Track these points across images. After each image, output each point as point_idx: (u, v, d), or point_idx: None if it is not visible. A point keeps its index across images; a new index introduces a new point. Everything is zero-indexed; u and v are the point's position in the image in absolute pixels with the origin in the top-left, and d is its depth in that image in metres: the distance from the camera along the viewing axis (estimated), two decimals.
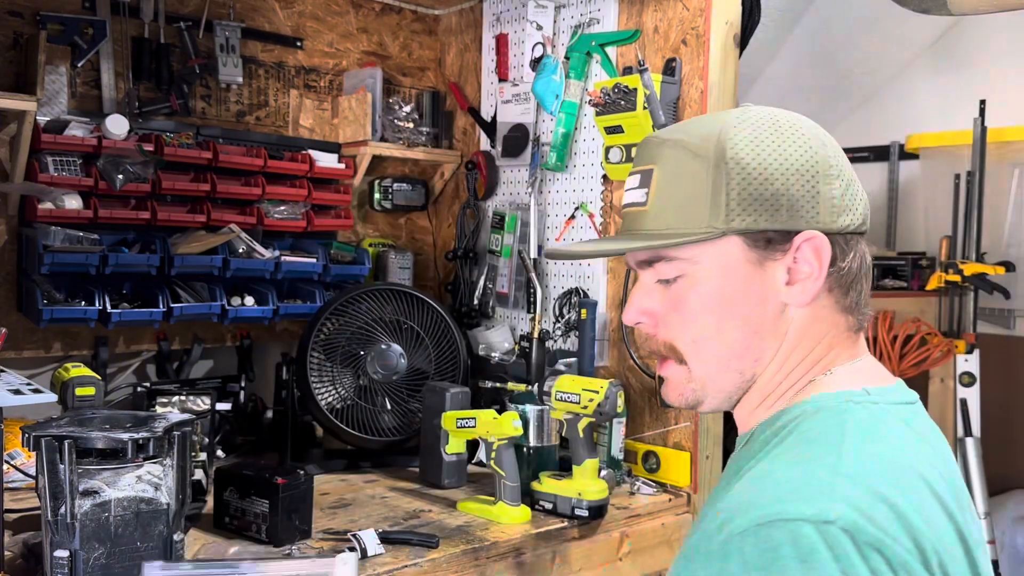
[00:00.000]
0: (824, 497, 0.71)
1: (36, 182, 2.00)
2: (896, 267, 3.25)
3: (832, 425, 0.81)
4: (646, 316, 0.90)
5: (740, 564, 0.69)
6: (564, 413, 1.86)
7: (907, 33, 3.49)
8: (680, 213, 0.85)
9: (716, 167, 0.83)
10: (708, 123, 0.88)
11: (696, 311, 0.87)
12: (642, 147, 0.92)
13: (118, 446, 1.28)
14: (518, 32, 2.52)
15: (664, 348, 0.90)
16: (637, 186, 0.89)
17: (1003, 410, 3.28)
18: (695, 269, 0.86)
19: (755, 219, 0.83)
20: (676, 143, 0.87)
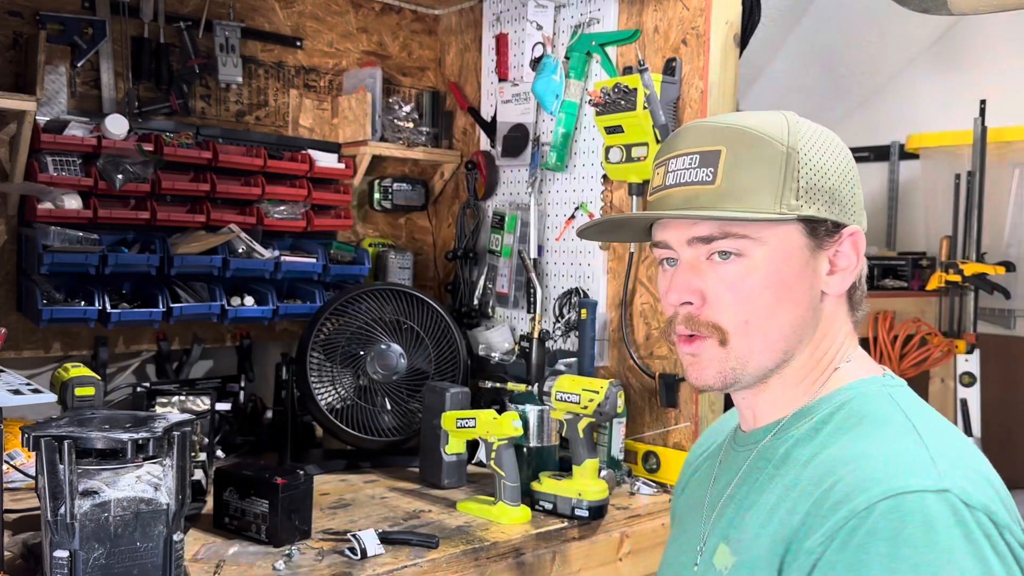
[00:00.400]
0: (933, 471, 0.78)
1: (36, 182, 2.00)
2: (896, 267, 3.25)
3: (890, 408, 0.88)
4: (696, 296, 0.90)
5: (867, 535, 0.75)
6: (564, 413, 1.86)
7: (907, 33, 3.49)
8: (751, 195, 0.88)
9: (788, 156, 0.89)
10: (770, 116, 0.93)
11: (754, 291, 0.89)
12: (694, 130, 0.93)
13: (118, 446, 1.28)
14: (518, 32, 2.52)
15: (707, 328, 0.91)
16: (696, 166, 0.90)
17: (1003, 410, 3.28)
18: (758, 250, 0.89)
19: (819, 208, 0.89)
20: (744, 129, 0.90)
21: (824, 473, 0.83)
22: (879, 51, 3.58)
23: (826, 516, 0.79)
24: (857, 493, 0.78)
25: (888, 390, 0.92)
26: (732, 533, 0.92)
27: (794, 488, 0.86)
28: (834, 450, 0.85)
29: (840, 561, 0.76)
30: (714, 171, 0.89)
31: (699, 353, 0.92)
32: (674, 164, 0.92)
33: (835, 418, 0.90)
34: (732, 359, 0.91)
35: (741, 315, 0.89)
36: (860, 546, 0.75)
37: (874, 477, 0.78)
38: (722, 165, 0.89)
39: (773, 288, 0.89)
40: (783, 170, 0.88)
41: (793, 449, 0.91)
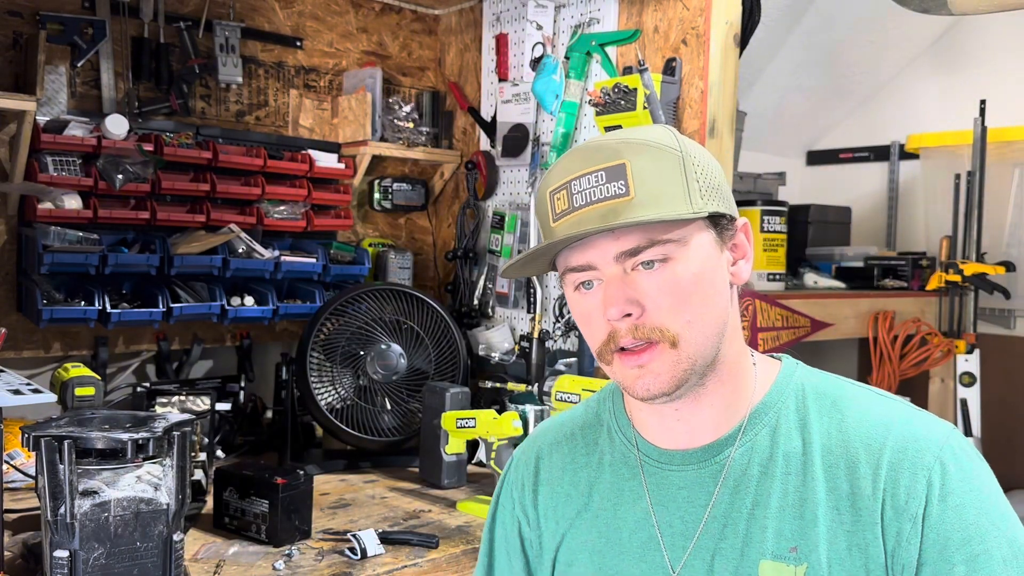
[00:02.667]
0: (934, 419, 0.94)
1: (36, 182, 2.00)
2: (896, 267, 3.25)
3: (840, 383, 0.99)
4: (634, 307, 0.90)
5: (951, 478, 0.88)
6: None
7: (907, 33, 3.49)
8: (663, 201, 0.90)
9: (684, 161, 0.92)
10: (656, 129, 0.96)
11: (689, 291, 0.91)
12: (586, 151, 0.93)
13: (118, 446, 1.28)
14: (518, 32, 2.52)
15: (656, 333, 0.90)
16: (604, 181, 0.90)
17: (1003, 410, 3.28)
18: (681, 252, 0.91)
19: (718, 204, 0.93)
20: (639, 142, 0.92)
21: (865, 450, 0.91)
22: (879, 51, 3.58)
23: (908, 483, 0.88)
24: (920, 453, 0.89)
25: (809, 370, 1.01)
26: (776, 546, 0.91)
27: (825, 478, 0.91)
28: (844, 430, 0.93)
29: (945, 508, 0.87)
30: (625, 183, 0.89)
31: (649, 362, 0.91)
32: (578, 185, 0.91)
33: (806, 406, 0.96)
34: (684, 359, 0.91)
35: (683, 315, 0.91)
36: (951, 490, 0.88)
37: (919, 436, 0.91)
38: (631, 176, 0.89)
39: (702, 284, 0.92)
40: (684, 173, 0.91)
41: (787, 445, 0.94)
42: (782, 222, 2.90)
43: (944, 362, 3.08)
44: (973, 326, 3.13)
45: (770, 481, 0.92)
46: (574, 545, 1.03)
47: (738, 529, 0.92)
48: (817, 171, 4.01)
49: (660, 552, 0.96)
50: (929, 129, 3.49)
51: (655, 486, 0.98)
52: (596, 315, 0.93)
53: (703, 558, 0.93)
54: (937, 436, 0.91)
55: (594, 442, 1.06)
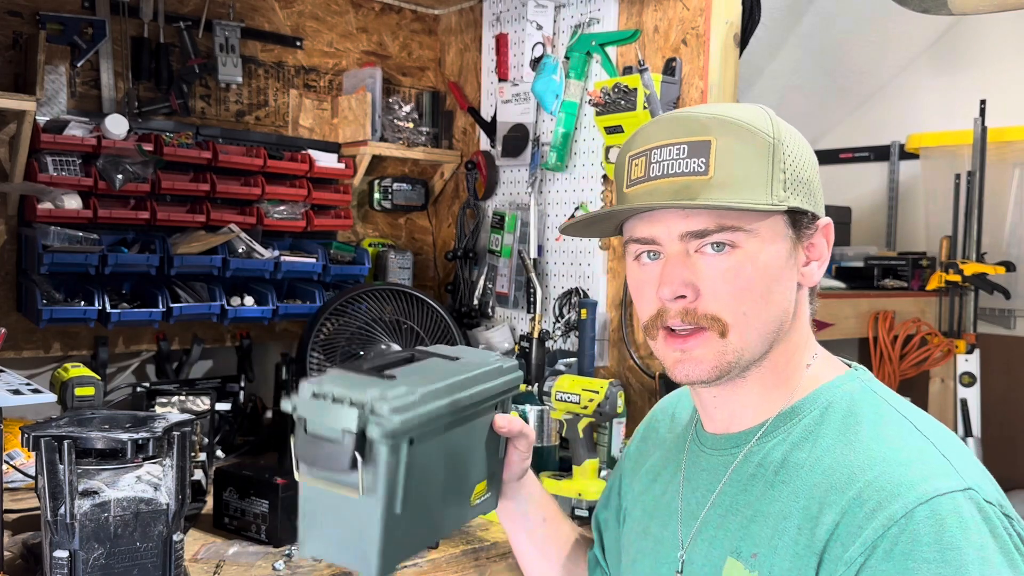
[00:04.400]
0: (953, 471, 0.81)
1: (36, 182, 2.00)
2: (896, 267, 3.24)
3: (880, 406, 0.91)
4: (690, 289, 0.88)
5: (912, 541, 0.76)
6: (564, 413, 1.86)
7: (907, 33, 3.49)
8: (744, 186, 0.87)
9: (776, 148, 0.88)
10: (751, 108, 0.92)
11: (750, 282, 0.88)
12: (676, 121, 0.91)
13: (118, 446, 1.28)
14: (518, 32, 2.52)
15: (706, 320, 0.88)
16: (686, 156, 0.87)
17: (1003, 410, 3.28)
18: (750, 241, 0.88)
19: (801, 200, 0.90)
20: (731, 121, 0.88)
21: (845, 479, 0.83)
22: (879, 51, 3.58)
23: (862, 525, 0.79)
24: (891, 500, 0.79)
25: (869, 386, 0.93)
26: (743, 546, 0.89)
27: (804, 495, 0.86)
28: (844, 454, 0.86)
29: (887, 570, 0.77)
30: (706, 161, 0.86)
31: (694, 348, 0.89)
32: (658, 155, 0.89)
33: (829, 419, 0.90)
34: (731, 351, 0.89)
35: (740, 306, 0.88)
36: (905, 553, 0.76)
37: (904, 482, 0.80)
38: (714, 155, 0.86)
39: (765, 279, 0.89)
40: (771, 161, 0.88)
41: (791, 453, 0.90)
42: None
43: (944, 362, 3.08)
44: (973, 326, 3.13)
45: (766, 484, 0.91)
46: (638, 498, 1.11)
47: (731, 521, 0.93)
48: None
49: (677, 524, 1.00)
50: (929, 129, 3.49)
51: (690, 464, 1.02)
52: (650, 289, 0.91)
53: (699, 539, 0.96)
54: (927, 489, 0.78)
55: (683, 413, 1.11)
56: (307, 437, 0.85)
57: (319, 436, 0.84)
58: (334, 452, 0.83)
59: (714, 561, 0.92)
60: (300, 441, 0.86)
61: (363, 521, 0.85)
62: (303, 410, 0.86)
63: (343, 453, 0.83)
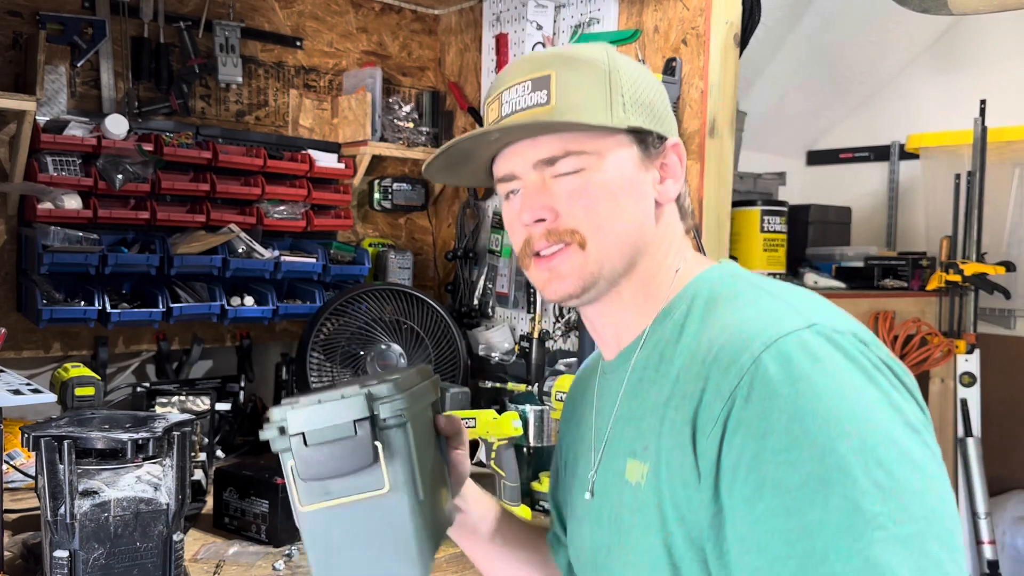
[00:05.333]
0: (796, 314, 0.84)
1: (36, 182, 2.00)
2: (896, 267, 3.24)
3: (736, 283, 0.95)
4: (548, 212, 0.95)
5: (764, 383, 0.78)
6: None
7: (907, 33, 3.49)
8: (584, 110, 0.94)
9: (610, 75, 0.96)
10: (590, 46, 1.00)
11: (600, 197, 0.94)
12: (519, 64, 0.99)
13: (118, 446, 1.28)
14: (518, 32, 2.52)
15: (567, 235, 0.95)
16: (529, 91, 0.96)
17: (1003, 410, 3.28)
18: (598, 162, 0.94)
19: (644, 120, 0.96)
20: (567, 56, 0.97)
21: (704, 351, 0.86)
22: (879, 51, 3.58)
23: (719, 384, 0.81)
24: (739, 352, 0.81)
25: (729, 271, 0.99)
26: (637, 444, 0.93)
27: (674, 379, 0.89)
28: (704, 332, 0.89)
29: (748, 416, 0.78)
30: (547, 92, 0.94)
31: (559, 264, 0.95)
32: (508, 96, 0.97)
33: (694, 308, 0.94)
34: (591, 262, 0.95)
35: (593, 219, 0.94)
36: (762, 396, 0.78)
37: (749, 334, 0.82)
38: (554, 86, 0.94)
39: (615, 192, 0.95)
40: (608, 86, 0.95)
41: (665, 348, 0.94)
42: (782, 222, 2.90)
43: (944, 362, 3.08)
44: (973, 326, 3.13)
45: (648, 382, 0.95)
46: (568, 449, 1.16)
47: (626, 428, 0.97)
48: (817, 171, 4.01)
49: (591, 450, 1.05)
50: (929, 129, 3.49)
51: (599, 393, 1.08)
52: (517, 221, 0.99)
53: (606, 458, 1.00)
54: (771, 333, 0.80)
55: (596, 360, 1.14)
56: (309, 451, 0.81)
57: (325, 441, 0.81)
58: (349, 450, 0.81)
59: (617, 468, 0.96)
60: (302, 460, 0.82)
61: (393, 520, 0.82)
62: (297, 424, 0.82)
63: (360, 446, 0.81)
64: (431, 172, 1.04)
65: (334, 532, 0.83)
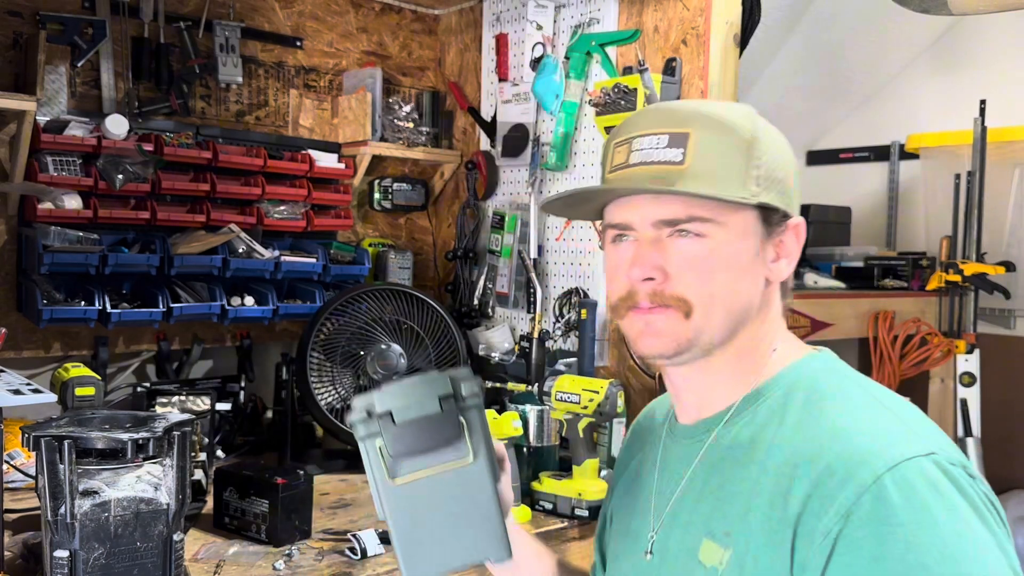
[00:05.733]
0: (915, 438, 0.84)
1: (36, 182, 2.00)
2: (896, 267, 3.24)
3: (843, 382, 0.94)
4: (658, 272, 0.92)
5: (884, 506, 0.78)
6: (564, 413, 1.86)
7: (907, 33, 3.49)
8: (716, 179, 0.91)
9: (752, 145, 0.92)
10: (734, 107, 0.96)
11: (717, 268, 0.92)
12: (660, 112, 0.96)
13: (118, 446, 1.28)
14: (518, 32, 2.52)
15: (673, 300, 0.92)
16: (665, 146, 0.92)
17: (1003, 410, 3.27)
18: (719, 232, 0.91)
19: (774, 197, 0.93)
20: (712, 116, 0.93)
21: (812, 452, 0.85)
22: (879, 51, 3.58)
23: (833, 495, 0.81)
24: (859, 468, 0.81)
25: (831, 365, 0.97)
26: (716, 526, 0.91)
27: (774, 471, 0.88)
28: (810, 429, 0.88)
29: (863, 538, 0.78)
30: (683, 151, 0.91)
31: (656, 320, 0.93)
32: (639, 143, 0.94)
33: (793, 398, 0.93)
34: (691, 329, 0.93)
35: (706, 289, 0.92)
36: (880, 518, 0.78)
37: (870, 450, 0.82)
38: (691, 147, 0.91)
39: (732, 268, 0.93)
40: (746, 157, 0.92)
41: (759, 433, 0.93)
42: None
43: (944, 362, 3.08)
44: (973, 326, 3.13)
45: (736, 465, 0.93)
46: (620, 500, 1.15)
47: (704, 504, 0.95)
48: (817, 171, 4.01)
49: (650, 513, 1.03)
50: (929, 129, 3.49)
51: (664, 456, 1.06)
52: (622, 270, 0.95)
53: (674, 524, 0.99)
54: (893, 455, 0.80)
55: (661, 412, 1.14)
56: (398, 428, 0.88)
57: (413, 419, 0.88)
58: (436, 425, 0.88)
59: (689, 544, 0.94)
60: (391, 437, 0.88)
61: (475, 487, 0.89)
62: (385, 403, 0.88)
63: (447, 421, 0.89)
64: (549, 208, 1.04)
65: (421, 503, 0.89)
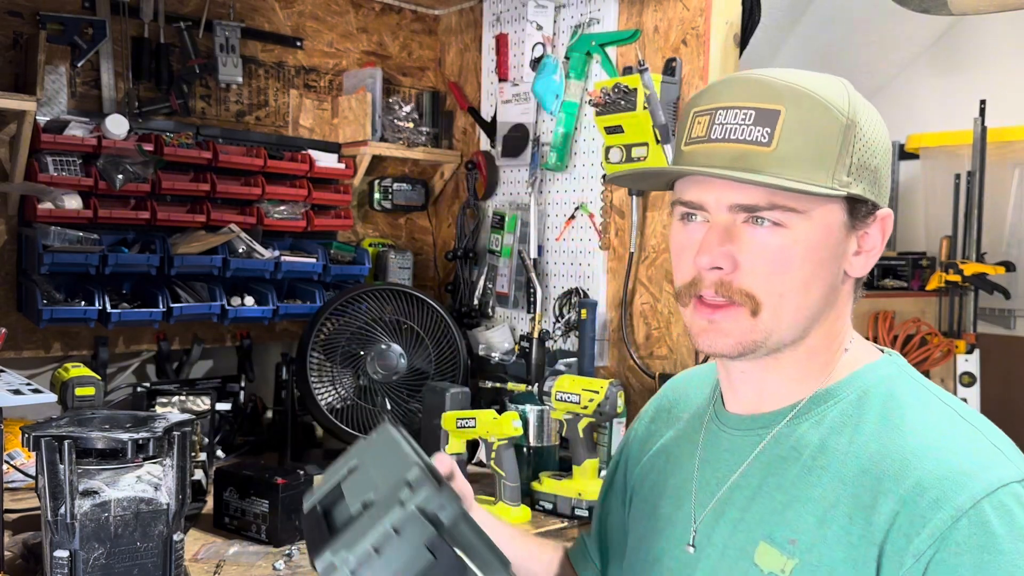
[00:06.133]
0: (1007, 460, 0.80)
1: (36, 182, 2.00)
2: (896, 267, 3.24)
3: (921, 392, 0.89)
4: (728, 261, 0.85)
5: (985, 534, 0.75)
6: (564, 413, 1.86)
7: (907, 33, 3.49)
8: (807, 164, 0.83)
9: (848, 129, 0.84)
10: (831, 82, 0.88)
11: (792, 264, 0.84)
12: (749, 83, 0.86)
13: (118, 446, 1.28)
14: (518, 32, 2.52)
15: (740, 296, 0.85)
16: (751, 123, 0.83)
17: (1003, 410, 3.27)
18: (801, 223, 0.84)
19: (864, 187, 0.85)
20: (807, 92, 0.84)
21: (898, 467, 0.81)
22: (879, 51, 3.58)
23: (926, 516, 0.77)
24: (955, 490, 0.77)
25: (905, 371, 0.92)
26: (778, 531, 0.86)
27: (853, 483, 0.83)
28: (892, 440, 0.84)
29: (961, 564, 0.76)
30: (771, 132, 0.82)
31: (723, 320, 0.86)
32: (723, 116, 0.85)
33: (868, 404, 0.87)
34: (759, 330, 0.86)
35: (777, 287, 0.85)
36: (981, 546, 0.75)
37: (964, 472, 0.78)
38: (780, 126, 0.82)
39: (810, 264, 0.85)
40: (840, 142, 0.83)
41: (829, 438, 0.87)
42: None
43: (944, 362, 3.08)
44: (973, 326, 3.13)
45: (803, 469, 0.87)
46: (645, 478, 1.08)
47: (761, 505, 0.89)
48: None
49: (691, 504, 0.97)
50: (929, 129, 3.49)
51: (708, 444, 0.99)
52: (689, 253, 0.88)
53: (720, 519, 0.93)
54: (989, 479, 0.77)
55: (699, 393, 1.07)
56: None
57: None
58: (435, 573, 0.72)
59: (742, 544, 0.89)
60: None
61: None
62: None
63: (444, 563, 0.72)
64: (617, 181, 0.96)
65: None
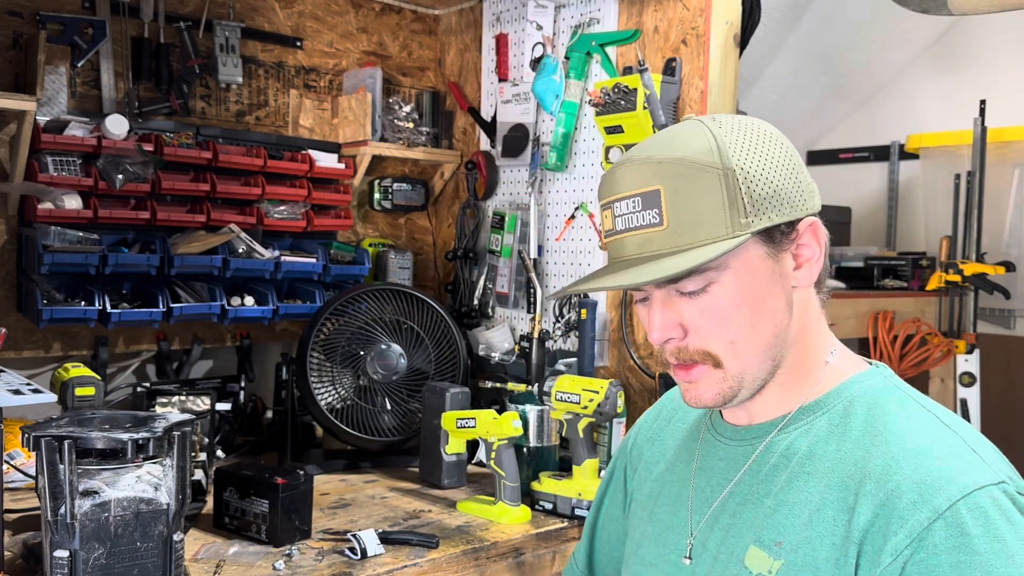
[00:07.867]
0: (985, 465, 0.84)
1: (36, 182, 2.00)
2: (896, 267, 3.25)
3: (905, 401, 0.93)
4: (676, 330, 0.92)
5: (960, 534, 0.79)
6: (564, 413, 1.86)
7: (907, 33, 3.49)
8: (701, 227, 0.87)
9: (726, 176, 0.88)
10: (696, 134, 0.91)
11: (730, 314, 0.90)
12: (629, 169, 0.91)
13: (118, 446, 1.28)
14: (518, 32, 2.52)
15: (698, 355, 0.92)
16: (640, 208, 0.89)
17: (1003, 410, 3.28)
18: (723, 276, 0.89)
19: (770, 216, 0.89)
20: (676, 161, 0.89)
21: (880, 471, 0.85)
22: (879, 51, 3.58)
23: (904, 517, 0.81)
24: (932, 493, 0.81)
25: (891, 381, 0.96)
26: (766, 534, 0.91)
27: (838, 487, 0.88)
28: (876, 446, 0.88)
29: (937, 564, 0.79)
30: (660, 212, 0.88)
31: (697, 378, 0.93)
32: (620, 208, 0.91)
33: (854, 413, 0.92)
34: (730, 378, 0.92)
35: (724, 337, 0.91)
36: (956, 547, 0.79)
37: (942, 476, 0.82)
38: (664, 204, 0.88)
39: (747, 304, 0.90)
40: (725, 193, 0.87)
41: (818, 445, 0.92)
42: None
43: (944, 362, 3.08)
44: (973, 326, 3.13)
45: (791, 475, 0.92)
46: (643, 484, 1.13)
47: (751, 510, 0.94)
48: (817, 171, 4.01)
49: (687, 511, 1.02)
50: (929, 129, 3.49)
51: (704, 453, 1.04)
52: (649, 332, 0.96)
53: (714, 527, 0.98)
54: (966, 482, 0.81)
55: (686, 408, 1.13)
56: None
57: None
58: None
59: (733, 549, 0.94)
60: None
61: None
62: None
63: None
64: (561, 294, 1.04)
65: None
